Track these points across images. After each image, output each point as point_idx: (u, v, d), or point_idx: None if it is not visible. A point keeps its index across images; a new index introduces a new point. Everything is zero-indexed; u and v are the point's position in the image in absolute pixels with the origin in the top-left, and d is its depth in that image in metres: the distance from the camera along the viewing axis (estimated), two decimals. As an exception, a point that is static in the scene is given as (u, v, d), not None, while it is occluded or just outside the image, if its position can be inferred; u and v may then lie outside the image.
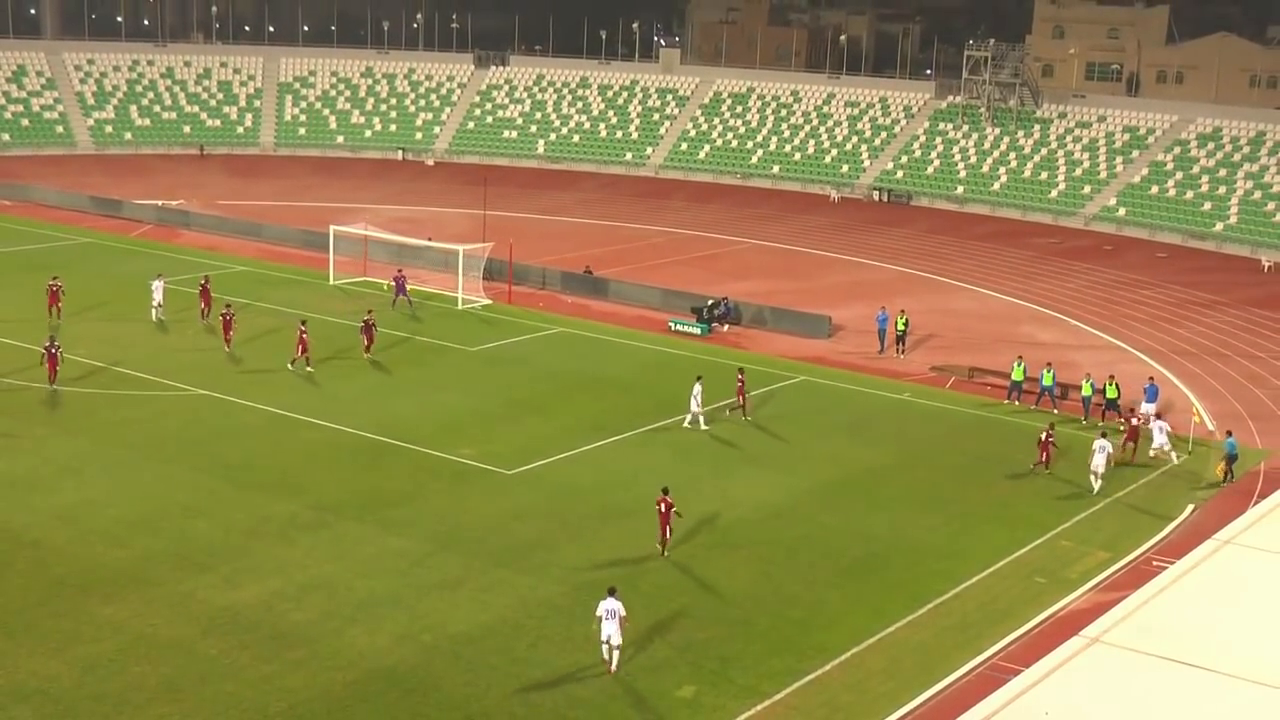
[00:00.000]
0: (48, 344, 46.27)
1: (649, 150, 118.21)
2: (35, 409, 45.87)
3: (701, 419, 46.72)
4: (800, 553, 36.64)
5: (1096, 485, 42.32)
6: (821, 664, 30.27)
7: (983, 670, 30.12)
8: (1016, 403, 51.13)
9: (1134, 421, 46.90)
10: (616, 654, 29.66)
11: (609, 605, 29.56)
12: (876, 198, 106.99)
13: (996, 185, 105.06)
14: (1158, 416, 46.95)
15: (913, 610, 33.22)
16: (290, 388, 49.41)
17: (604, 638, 29.56)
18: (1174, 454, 45.66)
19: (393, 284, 63.65)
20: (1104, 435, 43.55)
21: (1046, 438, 43.91)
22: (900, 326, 58.42)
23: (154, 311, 57.96)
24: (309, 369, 51.10)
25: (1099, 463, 42.35)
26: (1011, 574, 35.92)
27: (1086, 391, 49.88)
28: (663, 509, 35.56)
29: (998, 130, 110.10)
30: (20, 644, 29.57)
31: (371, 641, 30.38)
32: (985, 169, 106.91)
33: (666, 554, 35.77)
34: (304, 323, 52.56)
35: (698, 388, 46.87)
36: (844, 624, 32.37)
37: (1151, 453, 45.73)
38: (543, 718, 27.67)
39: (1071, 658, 21.45)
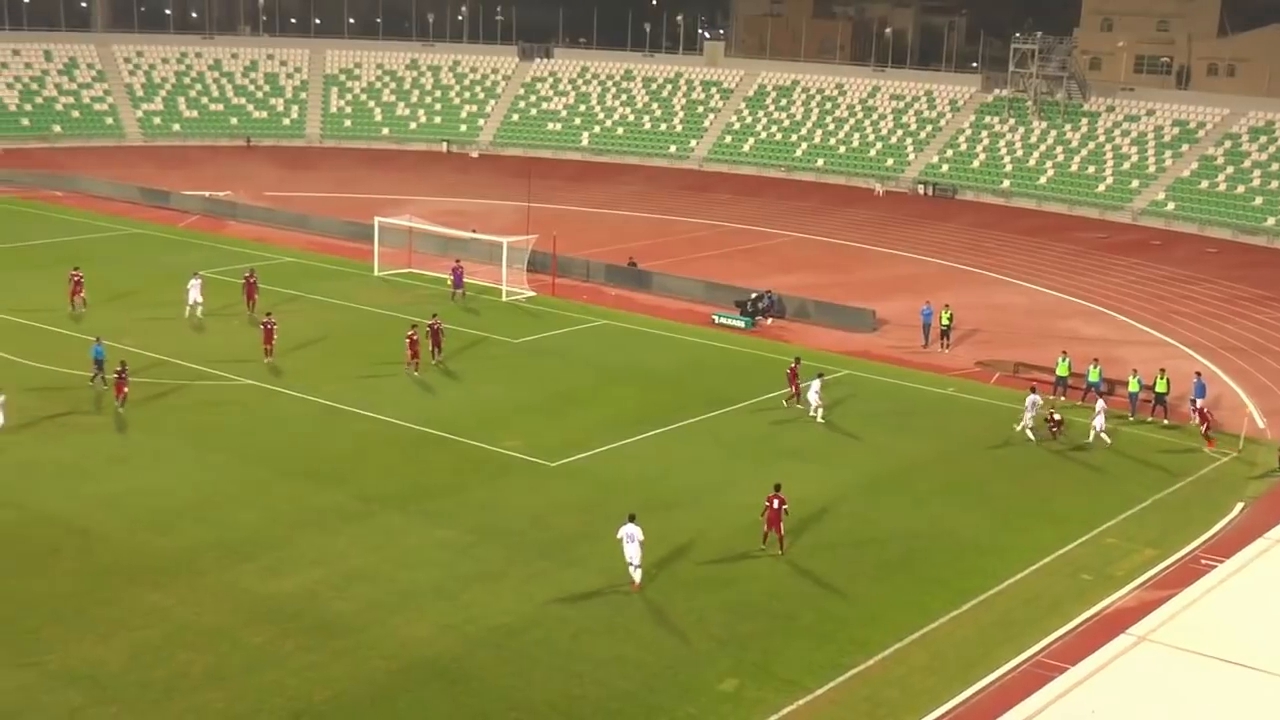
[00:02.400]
0: (119, 369, 44.66)
1: (693, 143, 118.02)
2: (84, 398, 46.24)
3: (820, 412, 46.79)
4: (843, 547, 36.51)
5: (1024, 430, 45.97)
6: (864, 659, 30.15)
7: (1027, 667, 29.91)
8: (1062, 398, 50.76)
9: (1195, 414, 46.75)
10: (639, 572, 32.74)
11: (629, 530, 32.71)
12: (921, 191, 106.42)
13: (1043, 179, 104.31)
14: (1101, 395, 47.89)
15: (956, 606, 33.04)
16: (335, 379, 49.59)
17: (627, 559, 32.70)
18: (1106, 437, 45.90)
19: (452, 276, 63.71)
20: (1034, 390, 46.47)
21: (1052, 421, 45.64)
22: (945, 321, 58.10)
23: (187, 310, 57.17)
24: (417, 373, 50.42)
25: (1028, 420, 45.61)
26: (1056, 571, 35.67)
27: (1133, 387, 49.46)
28: (775, 505, 35.32)
29: (1044, 124, 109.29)
30: (70, 629, 29.88)
31: (414, 631, 30.49)
32: (1031, 163, 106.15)
33: (782, 553, 35.51)
34: (414, 327, 51.66)
35: (816, 383, 47.18)
36: (887, 619, 32.23)
37: (1090, 436, 45.91)
38: (585, 709, 27.69)
39: (1118, 656, 21.32)
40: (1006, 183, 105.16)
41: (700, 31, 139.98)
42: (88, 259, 65.69)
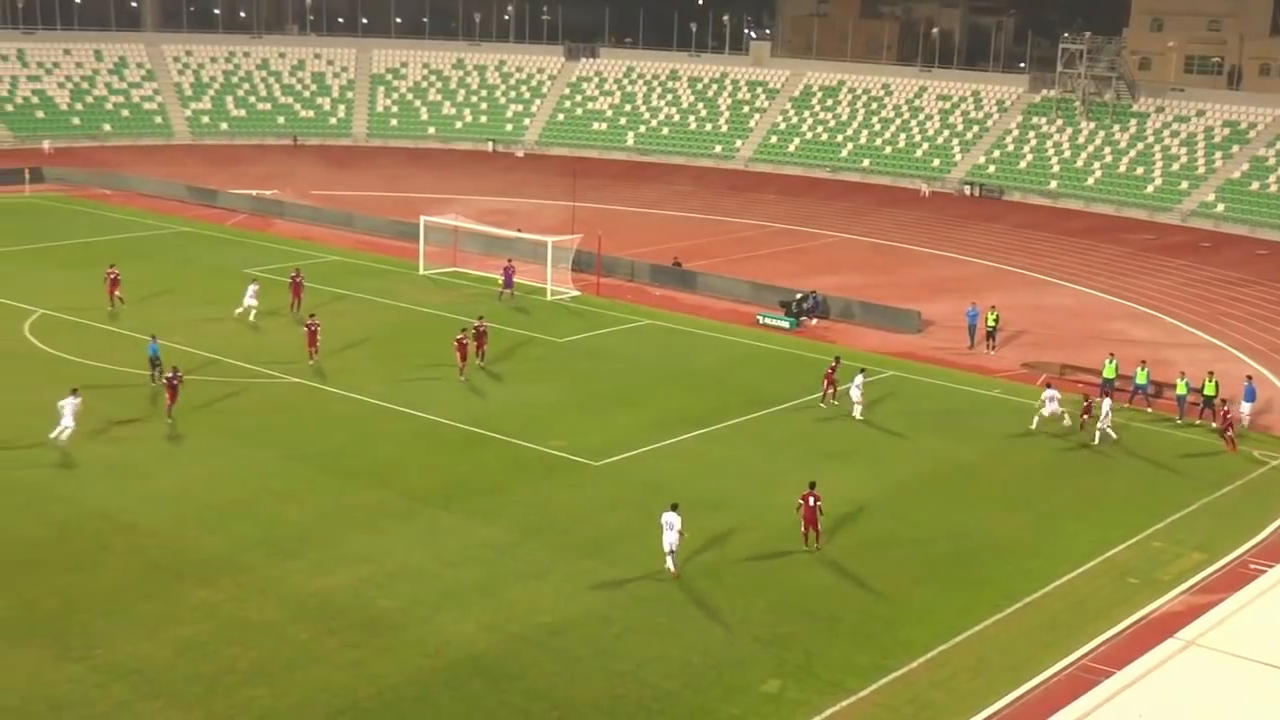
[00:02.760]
0: (170, 375, 43.96)
1: (738, 143, 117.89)
2: (133, 396, 46.66)
3: (858, 409, 46.87)
4: (887, 548, 36.38)
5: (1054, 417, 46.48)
6: (908, 661, 30.00)
7: (1072, 671, 29.71)
8: (1109, 401, 50.31)
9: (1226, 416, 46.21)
10: (672, 560, 33.57)
11: (669, 518, 33.53)
12: (968, 192, 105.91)
13: (1091, 180, 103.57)
14: (1048, 385, 48.31)
15: (1001, 608, 32.84)
16: (381, 377, 49.81)
17: (665, 546, 33.49)
18: (1112, 432, 46.04)
19: (502, 275, 63.86)
20: (1049, 385, 47.32)
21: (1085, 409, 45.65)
22: (991, 322, 57.80)
23: (238, 310, 56.76)
24: (463, 378, 49.61)
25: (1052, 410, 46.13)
26: (1102, 574, 35.41)
27: (1181, 390, 49.03)
28: (810, 503, 35.47)
29: (1092, 124, 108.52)
30: (117, 624, 30.15)
31: (459, 629, 30.57)
32: (1079, 163, 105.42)
33: (818, 549, 35.71)
34: (463, 331, 51.37)
35: (859, 378, 47.37)
36: (931, 621, 32.08)
37: (1096, 438, 45.94)
38: (628, 709, 27.69)
39: (1166, 661, 21.10)
40: (1054, 183, 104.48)
41: (746, 31, 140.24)
42: (136, 256, 66.38)
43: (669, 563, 33.64)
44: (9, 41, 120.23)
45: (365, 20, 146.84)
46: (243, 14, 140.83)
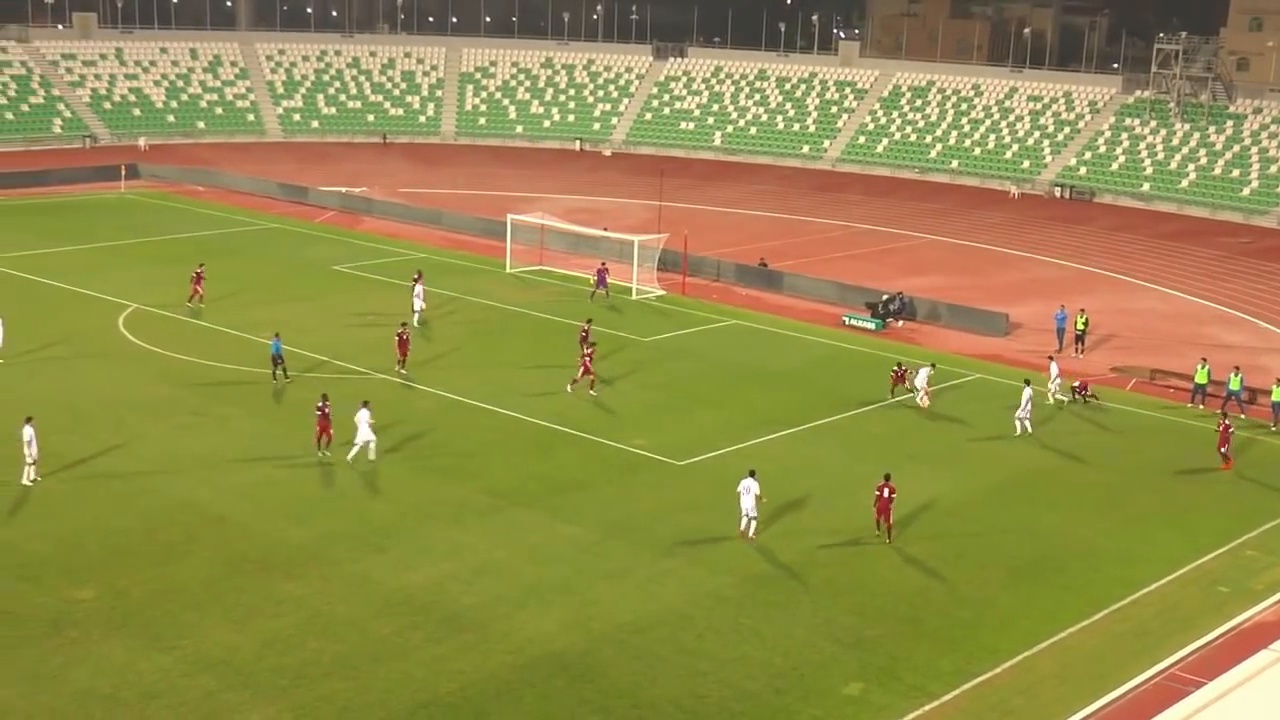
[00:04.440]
0: (320, 404, 41.07)
1: (826, 143, 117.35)
2: (221, 389, 47.34)
3: (1022, 424, 46.15)
4: (970, 552, 36.03)
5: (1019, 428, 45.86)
6: (992, 666, 29.71)
7: (1160, 681, 29.28)
8: (1200, 407, 49.54)
9: None
10: (754, 523, 35.49)
11: (747, 483, 35.37)
12: (1058, 194, 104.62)
13: (1184, 182, 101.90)
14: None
15: (1087, 615, 32.42)
16: (467, 375, 50.12)
17: (743, 510, 35.33)
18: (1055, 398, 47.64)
19: (596, 276, 63.95)
20: (1027, 383, 46.65)
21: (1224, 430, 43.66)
22: (1080, 325, 57.05)
23: (415, 315, 56.42)
24: (592, 392, 48.18)
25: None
26: (1192, 582, 34.83)
27: (1277, 396, 48.05)
28: (884, 494, 35.78)
29: (1187, 126, 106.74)
30: (206, 615, 30.57)
31: (540, 627, 30.67)
32: (1173, 165, 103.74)
33: (889, 540, 36.00)
34: (586, 334, 51.24)
35: (927, 370, 47.75)
36: (1015, 626, 31.75)
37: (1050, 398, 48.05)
38: (709, 709, 27.64)
39: (1260, 672, 20.71)
40: (1146, 185, 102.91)
41: (835, 31, 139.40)
42: (226, 253, 67.35)
43: (749, 528, 35.25)
44: (108, 40, 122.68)
45: (455, 19, 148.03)
46: (334, 13, 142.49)
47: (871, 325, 60.40)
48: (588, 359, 48.36)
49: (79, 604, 30.88)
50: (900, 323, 61.11)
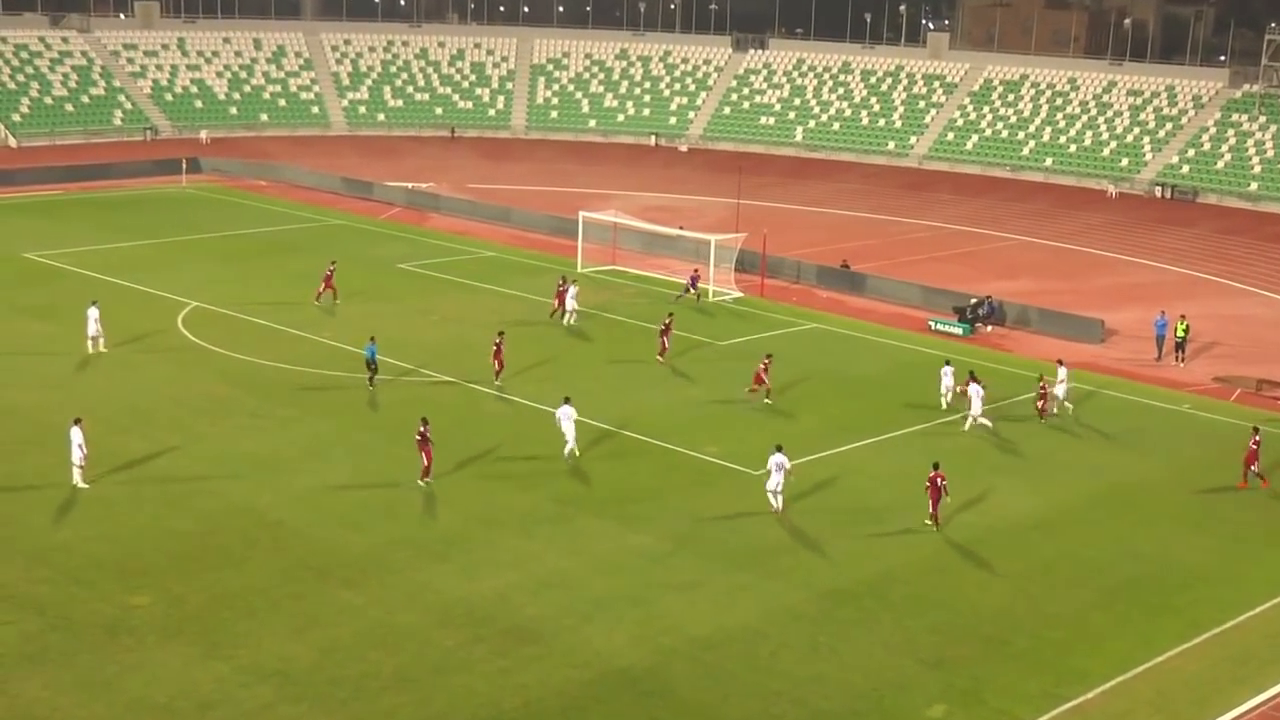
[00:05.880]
0: (421, 428, 39.06)
1: (913, 140, 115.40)
2: (281, 391, 46.72)
3: (976, 421, 45.25)
4: (1060, 569, 34.69)
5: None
6: (1083, 690, 28.56)
7: (1265, 710, 28.10)
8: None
9: None
10: (779, 499, 36.69)
11: (778, 459, 36.47)
12: (1158, 194, 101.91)
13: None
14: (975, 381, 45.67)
15: (1186, 639, 31.07)
16: (537, 379, 49.08)
17: (770, 486, 36.50)
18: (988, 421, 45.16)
19: (688, 281, 62.56)
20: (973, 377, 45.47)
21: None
22: (1180, 333, 55.02)
23: (566, 316, 56.16)
24: (768, 400, 47.25)
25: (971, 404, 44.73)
26: (1298, 606, 33.20)
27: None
28: (937, 483, 35.92)
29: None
30: (263, 623, 29.96)
31: (608, 641, 29.82)
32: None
33: (939, 528, 36.21)
34: (768, 355, 49.13)
35: (978, 388, 45.56)
36: (1108, 649, 30.50)
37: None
38: (782, 731, 26.67)
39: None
40: (1254, 185, 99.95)
41: (924, 22, 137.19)
42: (288, 250, 67.09)
43: (775, 502, 36.55)
44: (170, 30, 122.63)
45: (526, 9, 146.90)
46: (402, 2, 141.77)
47: (959, 330, 58.74)
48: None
49: (135, 610, 30.42)
50: (989, 328, 59.38)
